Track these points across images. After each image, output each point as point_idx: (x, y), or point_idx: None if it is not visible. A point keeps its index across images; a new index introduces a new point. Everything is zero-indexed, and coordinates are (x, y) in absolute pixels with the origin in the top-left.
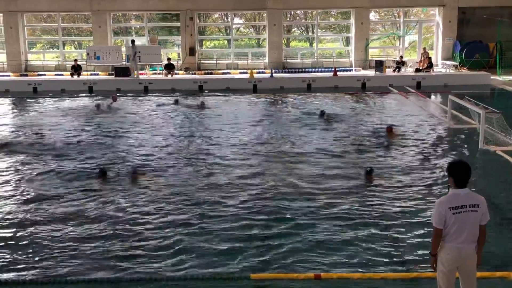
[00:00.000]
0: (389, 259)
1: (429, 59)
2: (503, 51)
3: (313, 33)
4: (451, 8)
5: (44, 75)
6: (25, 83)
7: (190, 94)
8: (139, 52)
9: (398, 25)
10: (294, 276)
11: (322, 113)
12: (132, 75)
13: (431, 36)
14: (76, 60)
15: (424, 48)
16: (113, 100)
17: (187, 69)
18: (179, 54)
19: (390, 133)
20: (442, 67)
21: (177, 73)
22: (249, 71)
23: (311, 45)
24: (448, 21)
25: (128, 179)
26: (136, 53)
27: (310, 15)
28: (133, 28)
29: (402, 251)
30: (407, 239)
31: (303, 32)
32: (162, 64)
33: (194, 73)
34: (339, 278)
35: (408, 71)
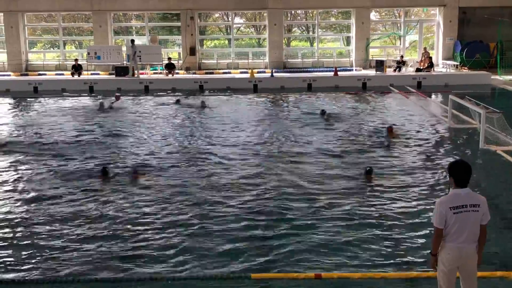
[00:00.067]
0: (389, 258)
1: (430, 58)
2: (503, 51)
3: (313, 32)
4: (452, 8)
5: (45, 74)
6: (25, 82)
7: (191, 93)
8: (139, 51)
9: (398, 25)
10: (294, 275)
11: (323, 113)
12: (130, 74)
13: (431, 36)
14: (76, 60)
15: (425, 48)
16: (116, 99)
17: (187, 69)
18: (179, 54)
19: (391, 133)
20: (443, 67)
21: (177, 73)
22: (249, 70)
23: (311, 44)
24: (449, 21)
25: (129, 179)
26: (136, 53)
27: (311, 14)
28: (133, 28)
29: (402, 250)
30: (407, 238)
31: (303, 32)
32: (162, 64)
33: (194, 73)
34: (339, 278)
35: (408, 70)
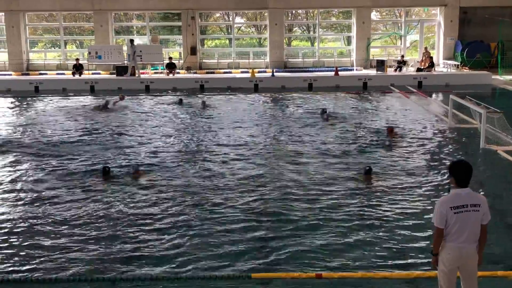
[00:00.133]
0: (390, 259)
1: (431, 58)
2: (504, 50)
3: (314, 32)
4: (453, 7)
5: (46, 74)
6: (26, 82)
7: (192, 93)
8: (140, 51)
9: (399, 24)
10: (295, 275)
11: (323, 112)
12: (129, 74)
13: (432, 36)
14: (77, 59)
15: (426, 48)
16: (120, 99)
17: (188, 69)
18: (180, 54)
19: (391, 133)
20: (444, 66)
21: (178, 73)
22: (250, 70)
23: (312, 44)
24: (450, 20)
25: (130, 178)
26: (136, 53)
27: (312, 14)
28: (134, 28)
29: (403, 250)
30: (408, 239)
31: (304, 32)
32: (163, 64)
33: (195, 73)
34: (340, 278)
35: (409, 70)
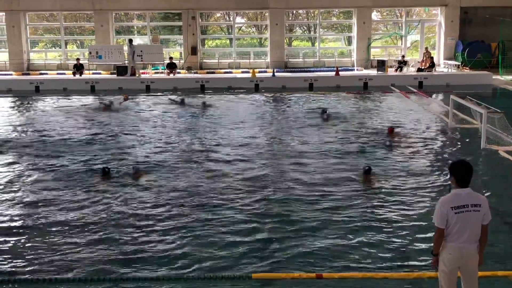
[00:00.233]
0: (391, 259)
1: (431, 58)
2: (505, 50)
3: (315, 32)
4: (453, 7)
5: (46, 74)
6: (27, 82)
7: (192, 93)
8: (141, 51)
9: (400, 24)
10: (296, 275)
11: (323, 112)
12: (129, 74)
13: (433, 36)
14: (78, 59)
15: (426, 48)
16: (124, 99)
17: (189, 68)
18: (181, 53)
19: (391, 133)
20: (444, 66)
21: (179, 72)
22: (251, 70)
23: (313, 44)
24: (450, 20)
25: (131, 178)
26: (135, 52)
27: (312, 14)
28: (135, 27)
29: (403, 251)
30: (408, 239)
31: (305, 32)
32: (164, 63)
33: (196, 72)
34: (340, 278)
35: (410, 70)
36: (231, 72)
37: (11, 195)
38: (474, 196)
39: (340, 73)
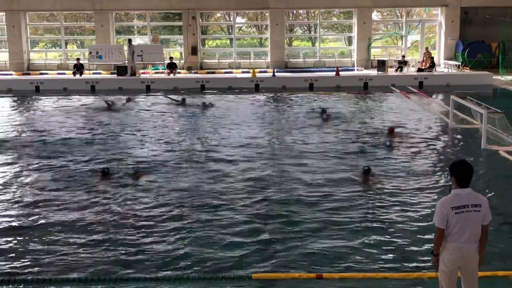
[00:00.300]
0: (391, 259)
1: (431, 59)
2: (505, 51)
3: (315, 32)
4: (454, 8)
5: (47, 74)
6: (27, 82)
7: (193, 93)
8: (141, 51)
9: (400, 24)
10: (296, 275)
11: (323, 112)
12: (129, 74)
13: (433, 36)
14: (78, 59)
15: (427, 48)
16: (127, 101)
17: (189, 68)
18: (181, 53)
19: (392, 133)
20: (445, 67)
21: (179, 72)
22: (251, 70)
23: (313, 44)
24: (451, 21)
25: (131, 179)
26: (134, 52)
27: (313, 14)
28: (135, 27)
29: (404, 251)
30: (409, 239)
31: (305, 32)
32: (164, 63)
33: (196, 72)
34: (341, 278)
35: (410, 70)
36: (231, 72)
37: (10, 195)
38: (474, 196)
39: (340, 73)
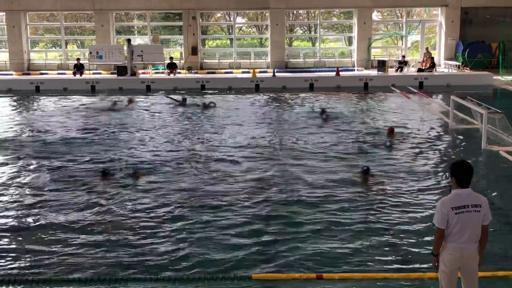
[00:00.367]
0: (391, 259)
1: (432, 59)
2: (505, 51)
3: (315, 32)
4: (454, 8)
5: (47, 74)
6: (27, 82)
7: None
8: (141, 51)
9: (400, 25)
10: (296, 276)
11: (323, 112)
12: (129, 73)
13: (433, 36)
14: (78, 59)
15: (427, 48)
16: (129, 102)
17: (189, 68)
18: (181, 53)
19: (392, 133)
20: (445, 67)
21: (179, 73)
22: (251, 70)
23: (313, 44)
24: (451, 21)
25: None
26: (133, 52)
27: (313, 14)
28: (135, 27)
29: (404, 252)
30: (409, 240)
31: (305, 32)
32: (164, 63)
33: (196, 73)
34: (341, 279)
35: (410, 71)
36: (231, 72)
37: (11, 195)
38: (474, 197)
39: (340, 73)
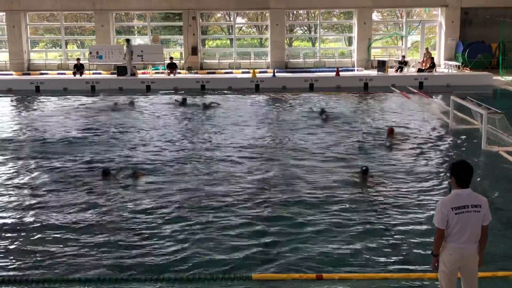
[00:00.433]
0: (391, 260)
1: (432, 59)
2: (505, 51)
3: (315, 33)
4: (454, 8)
5: (47, 74)
6: (27, 82)
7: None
8: (141, 51)
9: (400, 25)
10: (296, 276)
11: (322, 112)
12: (129, 74)
13: (433, 37)
14: (78, 59)
15: (427, 48)
16: (129, 104)
17: (189, 69)
18: (181, 54)
19: (391, 133)
20: (445, 67)
21: (179, 73)
22: (251, 70)
23: (313, 45)
24: (451, 21)
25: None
26: (133, 52)
27: (313, 15)
28: (135, 28)
29: (404, 252)
30: (409, 239)
31: (305, 32)
32: (164, 64)
33: (196, 73)
34: (341, 279)
35: (410, 71)
36: (231, 73)
37: (10, 195)
38: (474, 197)
39: (340, 73)
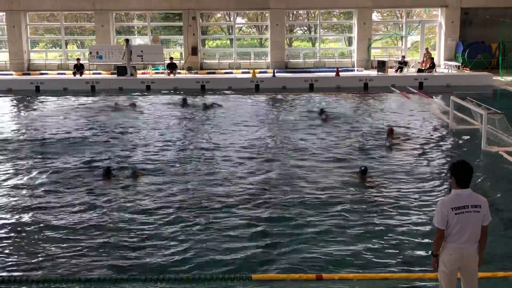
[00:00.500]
0: (391, 260)
1: (432, 59)
2: (505, 51)
3: (315, 33)
4: (454, 8)
5: (47, 74)
6: (27, 82)
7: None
8: (141, 51)
9: (400, 25)
10: (296, 276)
11: (322, 112)
12: (129, 73)
13: (433, 37)
14: (78, 59)
15: (427, 49)
16: (130, 105)
17: (189, 69)
18: (181, 54)
19: (391, 134)
20: (445, 67)
21: (179, 73)
22: (251, 70)
23: (313, 45)
24: (451, 21)
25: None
26: (132, 52)
27: (313, 15)
28: (135, 28)
29: (404, 252)
30: (409, 239)
31: (305, 32)
32: (164, 64)
33: (196, 73)
34: (340, 279)
35: (410, 71)
36: (231, 73)
37: (10, 195)
38: (474, 197)
39: (340, 73)
